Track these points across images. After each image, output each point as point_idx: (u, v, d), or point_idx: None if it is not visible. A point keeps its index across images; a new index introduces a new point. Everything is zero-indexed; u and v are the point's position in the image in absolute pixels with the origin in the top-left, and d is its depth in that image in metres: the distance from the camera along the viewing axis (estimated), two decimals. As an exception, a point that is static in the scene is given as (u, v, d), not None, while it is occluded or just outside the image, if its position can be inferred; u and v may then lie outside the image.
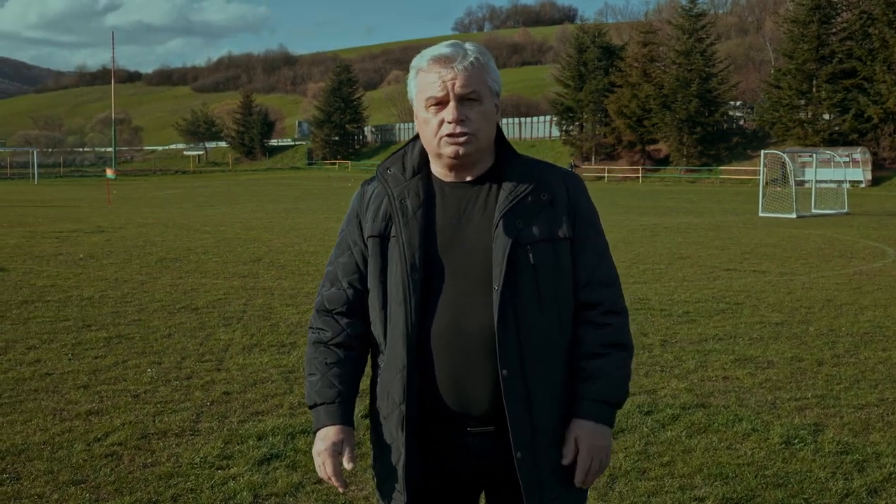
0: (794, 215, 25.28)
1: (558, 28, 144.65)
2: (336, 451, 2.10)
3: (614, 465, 4.60)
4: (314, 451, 2.13)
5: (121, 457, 4.69)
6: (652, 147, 64.77)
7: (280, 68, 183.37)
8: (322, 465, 2.10)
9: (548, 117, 75.47)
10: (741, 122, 64.58)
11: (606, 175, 61.77)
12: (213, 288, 10.88)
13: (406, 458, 2.06)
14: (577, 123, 69.80)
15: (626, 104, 62.73)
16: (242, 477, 4.39)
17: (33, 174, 65.24)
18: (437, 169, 2.15)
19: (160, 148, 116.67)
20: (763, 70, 68.42)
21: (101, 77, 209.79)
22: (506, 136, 2.21)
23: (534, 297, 2.05)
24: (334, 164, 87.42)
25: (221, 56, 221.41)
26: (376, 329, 2.15)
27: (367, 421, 2.30)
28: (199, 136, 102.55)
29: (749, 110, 63.56)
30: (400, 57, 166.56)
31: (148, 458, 4.68)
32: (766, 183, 28.50)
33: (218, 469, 4.51)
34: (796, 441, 5.03)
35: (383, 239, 2.11)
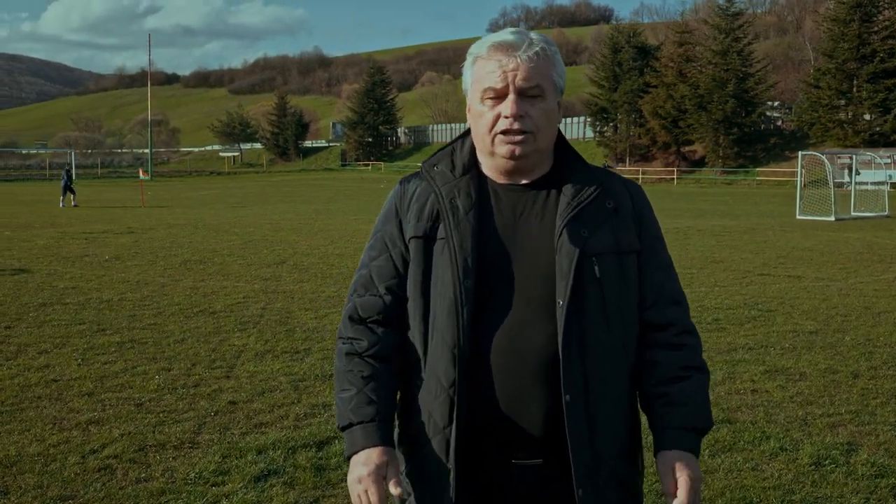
0: (832, 218, 24.65)
1: (593, 28, 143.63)
2: (381, 476, 1.79)
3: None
4: (351, 478, 1.82)
5: (114, 471, 4.51)
6: (687, 148, 63.96)
7: (315, 70, 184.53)
8: (363, 493, 1.78)
9: (582, 118, 74.89)
10: (779, 123, 63.50)
11: (641, 176, 61.06)
12: (233, 291, 10.75)
13: (455, 487, 1.80)
14: (611, 124, 69.18)
15: (661, 105, 62.00)
16: (236, 495, 4.18)
17: (71, 175, 66.02)
18: (489, 169, 1.91)
19: (196, 149, 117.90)
20: (802, 70, 67.25)
21: (139, 79, 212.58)
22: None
23: (600, 314, 1.81)
24: (367, 165, 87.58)
25: (257, 58, 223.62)
26: (416, 341, 1.88)
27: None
28: (234, 138, 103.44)
29: (787, 111, 62.48)
30: (434, 58, 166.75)
31: (142, 472, 4.49)
32: (804, 185, 27.85)
33: (212, 486, 4.31)
34: (827, 462, 4.71)
35: (428, 240, 1.86)
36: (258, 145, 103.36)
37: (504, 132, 1.81)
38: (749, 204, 34.76)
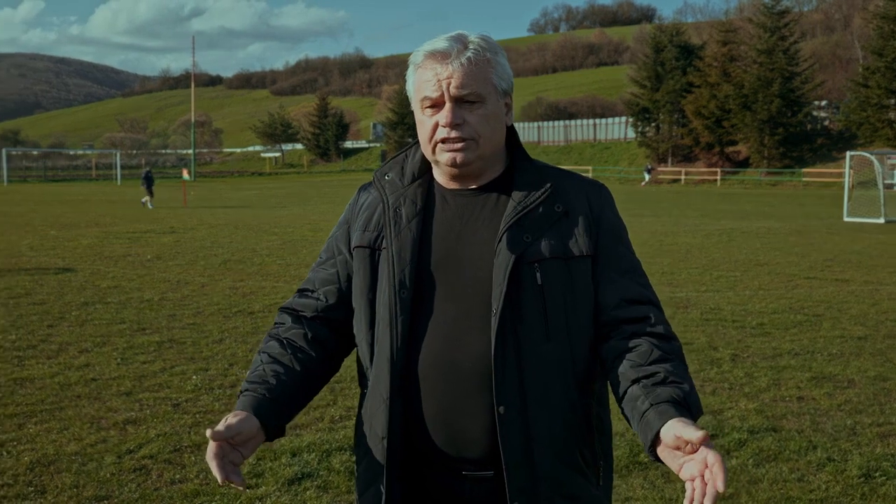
0: (882, 220, 24.06)
1: (636, 28, 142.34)
2: (227, 435, 1.60)
3: (668, 498, 4.21)
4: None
5: (149, 471, 4.51)
6: (731, 149, 63.05)
7: (356, 71, 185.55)
8: (209, 448, 1.61)
9: (623, 119, 74.19)
10: (826, 123, 62.26)
11: (683, 177, 60.33)
12: (272, 291, 10.78)
13: (387, 499, 1.75)
14: (653, 124, 68.44)
15: (704, 104, 61.19)
16: (270, 498, 4.16)
17: (116, 175, 67.27)
18: (438, 176, 1.88)
19: (238, 150, 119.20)
20: (850, 68, 65.83)
21: (183, 81, 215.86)
22: (577, 138, 1.87)
23: (540, 322, 1.73)
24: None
25: (299, 60, 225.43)
26: (363, 352, 1.87)
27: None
28: (275, 139, 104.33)
29: (835, 110, 61.23)
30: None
31: (177, 473, 4.49)
32: (852, 186, 27.24)
33: (246, 488, 4.28)
34: (877, 474, 4.54)
35: (373, 251, 1.84)
36: (299, 146, 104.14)
37: (444, 140, 1.77)
38: (795, 205, 34.12)
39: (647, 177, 59.52)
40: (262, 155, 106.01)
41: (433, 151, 1.80)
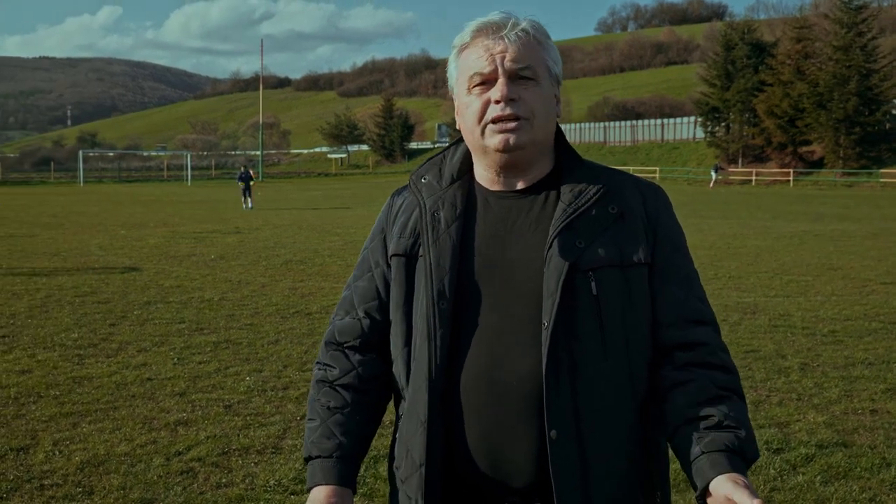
0: (964, 223, 23.03)
1: (706, 26, 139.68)
2: None
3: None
4: None
5: (196, 474, 4.48)
6: (805, 149, 61.25)
7: (421, 72, 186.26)
8: None
9: (692, 118, 72.75)
10: (906, 122, 60.02)
11: (754, 178, 58.86)
12: (330, 292, 10.78)
13: None
14: (723, 124, 66.94)
15: (776, 103, 59.58)
16: (314, 505, 4.07)
17: (187, 176, 68.82)
18: (482, 173, 1.71)
19: (305, 151, 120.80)
20: (932, 65, 63.33)
21: (253, 83, 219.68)
22: (644, 138, 1.72)
23: (596, 337, 1.56)
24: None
25: (366, 61, 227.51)
26: (398, 370, 1.70)
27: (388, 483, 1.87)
28: (341, 140, 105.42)
29: (915, 108, 58.97)
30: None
31: (223, 477, 4.45)
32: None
33: (291, 494, 4.22)
34: (958, 496, 4.25)
35: (409, 259, 1.69)
36: (365, 147, 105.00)
37: (496, 119, 1.61)
38: (871, 207, 32.91)
39: (714, 176, 58.29)
40: (329, 156, 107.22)
41: (482, 134, 1.63)
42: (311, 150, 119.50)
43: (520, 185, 1.68)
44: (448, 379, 1.60)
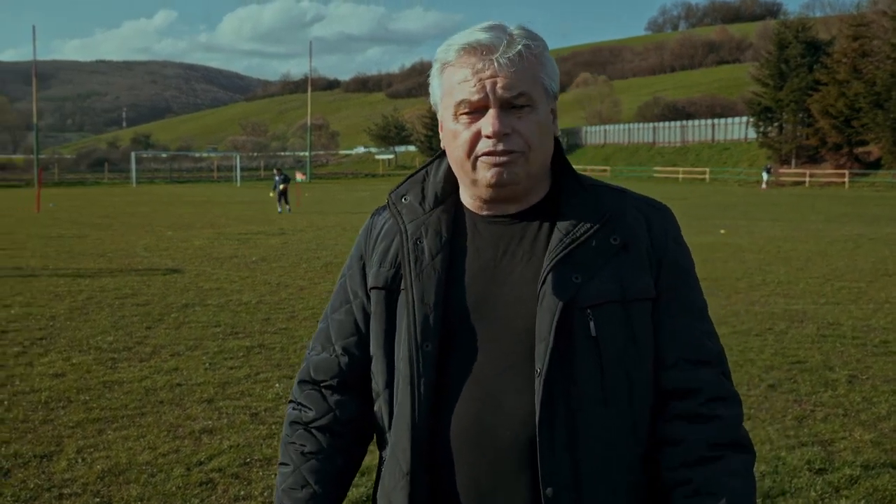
0: None
1: (759, 24, 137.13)
2: None
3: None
4: None
5: (215, 486, 4.41)
6: (861, 149, 59.70)
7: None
8: None
9: (744, 119, 71.42)
10: (968, 121, 58.12)
11: (808, 179, 57.57)
12: (368, 296, 10.70)
13: None
14: (775, 124, 65.58)
15: (831, 103, 58.18)
16: (331, 522, 3.96)
17: (236, 177, 69.68)
18: (469, 199, 1.55)
19: (353, 152, 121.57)
20: None
21: (303, 85, 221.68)
22: (695, 138, 1.55)
23: (595, 382, 1.41)
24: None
25: (414, 63, 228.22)
26: (380, 409, 1.55)
27: None
28: (389, 141, 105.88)
29: (978, 108, 57.08)
30: (589, 59, 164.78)
31: (242, 489, 4.37)
32: None
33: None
34: None
35: (390, 292, 1.53)
36: (412, 148, 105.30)
37: (488, 154, 1.43)
38: (930, 210, 31.88)
39: (765, 177, 57.11)
40: (376, 157, 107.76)
41: (472, 168, 1.46)
42: (359, 151, 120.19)
43: (512, 210, 1.52)
44: (433, 427, 1.45)
